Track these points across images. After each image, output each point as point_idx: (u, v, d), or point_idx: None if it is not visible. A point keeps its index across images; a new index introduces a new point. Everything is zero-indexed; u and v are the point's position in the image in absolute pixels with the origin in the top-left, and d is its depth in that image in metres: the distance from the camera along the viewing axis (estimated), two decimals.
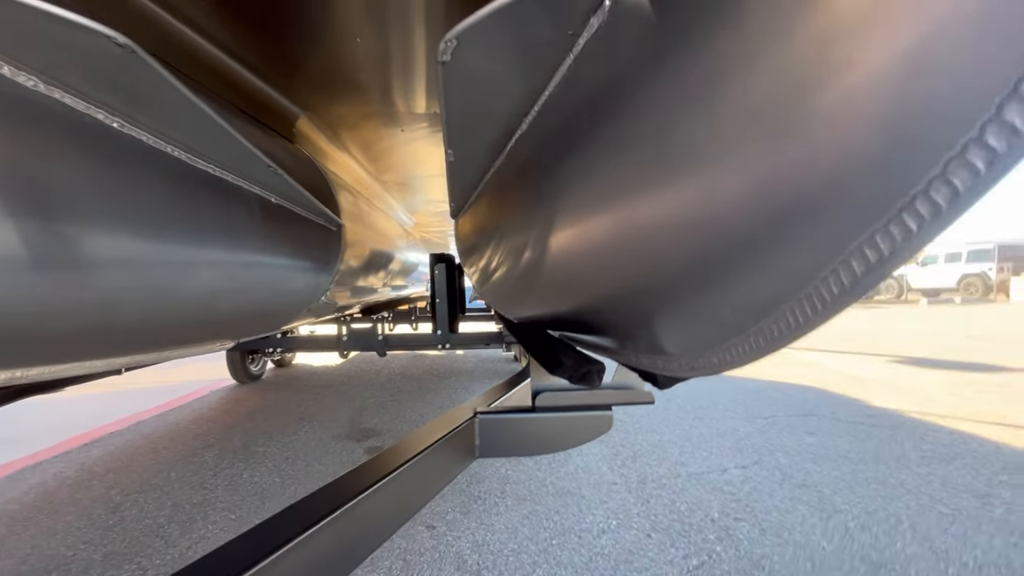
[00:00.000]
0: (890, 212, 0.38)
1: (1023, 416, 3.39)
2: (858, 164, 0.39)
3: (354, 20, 1.29)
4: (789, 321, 0.52)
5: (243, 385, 4.91)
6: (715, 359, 0.67)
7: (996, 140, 0.30)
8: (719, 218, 0.54)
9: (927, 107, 0.33)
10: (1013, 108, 0.28)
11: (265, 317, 1.73)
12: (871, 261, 0.41)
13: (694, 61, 0.54)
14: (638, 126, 0.65)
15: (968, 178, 0.33)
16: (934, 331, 8.51)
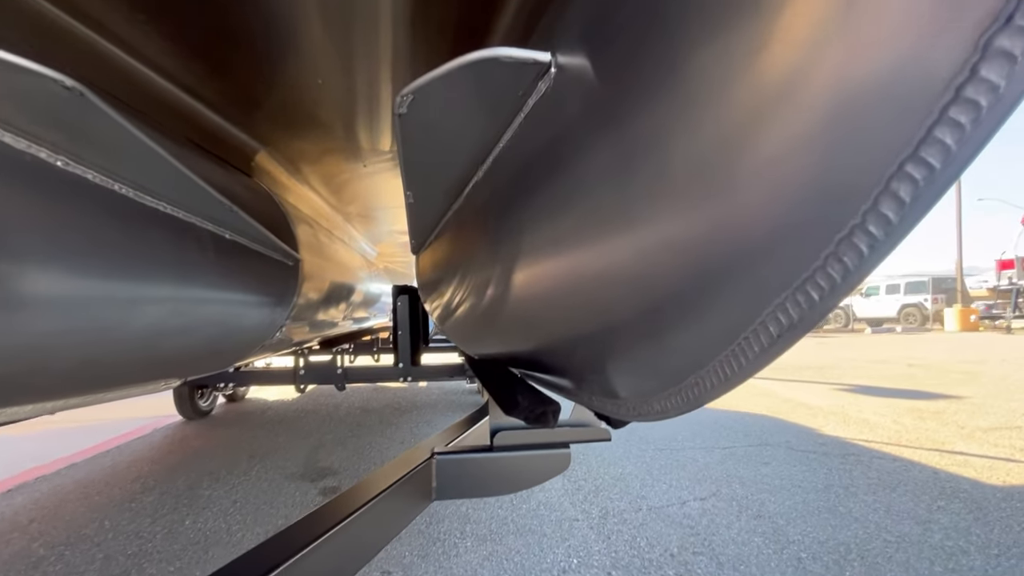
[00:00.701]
0: (806, 273, 0.42)
1: (956, 441, 3.60)
2: (771, 233, 0.43)
3: (316, 63, 1.31)
4: (720, 374, 0.55)
5: (191, 421, 4.64)
6: (657, 406, 0.69)
7: (889, 210, 0.34)
8: (650, 274, 0.57)
9: (827, 186, 0.37)
10: (900, 186, 0.32)
11: (215, 355, 1.66)
12: (792, 318, 0.44)
13: (630, 125, 0.58)
14: (580, 182, 0.68)
15: (867, 240, 0.37)
16: (879, 360, 8.97)
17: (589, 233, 0.68)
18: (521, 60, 0.68)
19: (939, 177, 0.31)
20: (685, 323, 0.56)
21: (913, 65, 0.30)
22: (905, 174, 0.32)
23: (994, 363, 7.93)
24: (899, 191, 0.32)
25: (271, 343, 1.89)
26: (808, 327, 0.42)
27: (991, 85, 0.27)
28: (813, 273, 0.39)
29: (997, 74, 0.27)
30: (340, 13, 1.19)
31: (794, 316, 0.42)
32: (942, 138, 0.30)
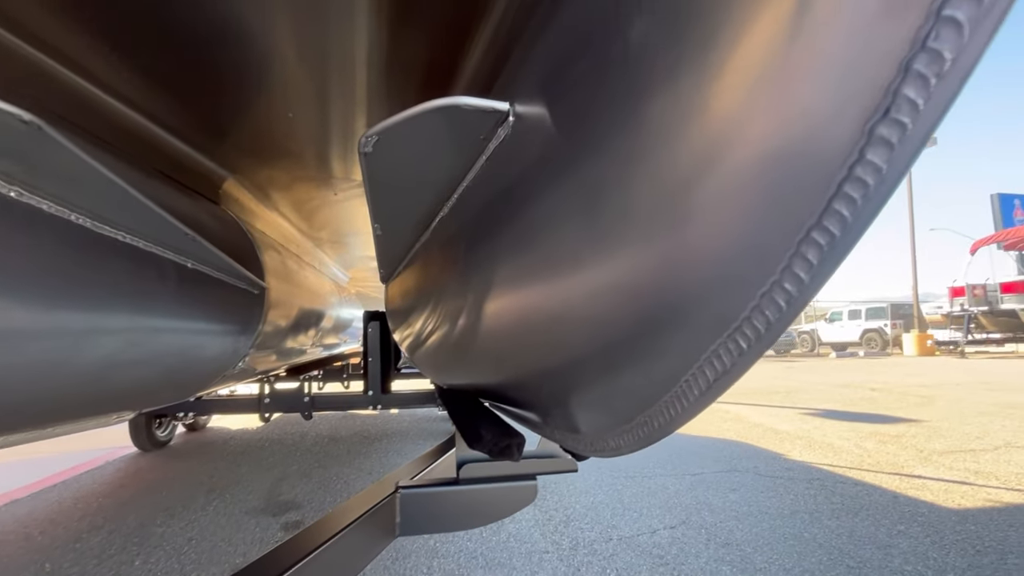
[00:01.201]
0: (735, 323, 0.45)
1: (915, 465, 3.71)
2: (703, 285, 0.46)
3: (286, 97, 1.33)
4: (666, 414, 0.57)
5: (147, 453, 4.43)
6: (612, 443, 0.71)
7: (801, 271, 0.37)
8: (599, 314, 0.59)
9: (750, 245, 0.40)
10: (808, 251, 0.35)
11: (172, 387, 1.61)
12: (725, 364, 0.47)
13: (579, 174, 0.61)
14: (536, 224, 0.71)
15: (784, 296, 0.40)
16: (843, 384, 9.24)
17: (544, 273, 0.70)
18: (481, 108, 0.71)
19: (840, 243, 0.34)
20: (633, 364, 0.58)
21: (816, 145, 0.33)
22: (812, 239, 0.35)
23: (949, 387, 8.26)
24: (808, 253, 0.35)
25: (233, 373, 1.84)
26: (740, 373, 0.44)
27: (875, 167, 0.31)
28: (741, 323, 0.42)
29: (880, 157, 0.30)
30: (311, 51, 1.22)
31: (727, 363, 0.45)
32: (840, 209, 0.33)
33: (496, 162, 0.80)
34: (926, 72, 0.27)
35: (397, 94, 1.37)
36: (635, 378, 0.60)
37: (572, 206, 0.60)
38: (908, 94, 0.28)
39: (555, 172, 0.64)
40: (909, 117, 0.28)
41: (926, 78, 0.27)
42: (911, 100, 0.28)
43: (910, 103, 0.28)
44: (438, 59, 1.18)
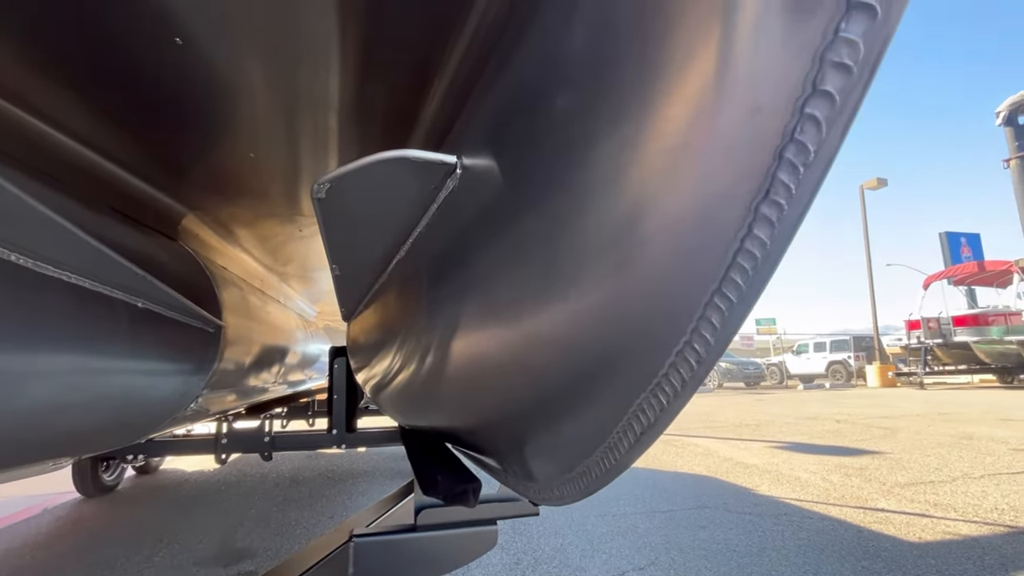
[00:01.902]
0: (658, 376, 0.46)
1: (878, 498, 3.78)
2: (626, 343, 0.48)
3: (249, 138, 1.34)
4: (603, 465, 0.58)
5: (92, 499, 4.14)
6: (556, 492, 0.71)
7: (699, 345, 0.39)
8: (540, 365, 0.60)
9: (661, 310, 0.42)
10: (704, 327, 0.37)
11: (118, 430, 1.53)
12: (650, 419, 0.48)
13: (518, 227, 0.63)
14: (482, 274, 0.72)
15: (695, 356, 0.42)
16: (810, 416, 9.42)
17: (489, 321, 0.71)
18: (429, 160, 0.74)
19: (737, 308, 0.36)
20: (571, 414, 0.59)
21: (716, 220, 0.36)
22: (714, 304, 0.37)
23: (910, 418, 8.51)
24: (712, 316, 0.37)
25: (184, 415, 1.77)
26: (663, 426, 0.46)
27: (761, 241, 0.33)
28: (661, 379, 0.43)
29: (765, 233, 0.33)
30: (276, 94, 1.24)
31: (651, 417, 0.46)
32: (735, 278, 0.35)
33: (446, 211, 0.82)
34: (795, 161, 0.30)
35: (363, 137, 1.40)
36: (574, 428, 0.61)
37: (509, 259, 0.62)
38: (782, 178, 0.31)
39: (496, 226, 0.66)
40: (784, 199, 0.31)
41: (795, 166, 0.30)
42: (785, 184, 0.31)
43: (784, 186, 0.31)
44: (401, 105, 1.21)
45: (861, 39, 0.26)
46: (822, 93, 0.28)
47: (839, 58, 0.27)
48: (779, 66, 0.29)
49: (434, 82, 1.01)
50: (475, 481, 1.14)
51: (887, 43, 0.27)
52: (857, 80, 0.27)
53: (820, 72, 0.28)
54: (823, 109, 0.28)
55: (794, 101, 0.29)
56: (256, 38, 0.97)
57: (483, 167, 0.71)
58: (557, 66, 0.51)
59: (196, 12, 0.86)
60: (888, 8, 0.26)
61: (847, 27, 0.27)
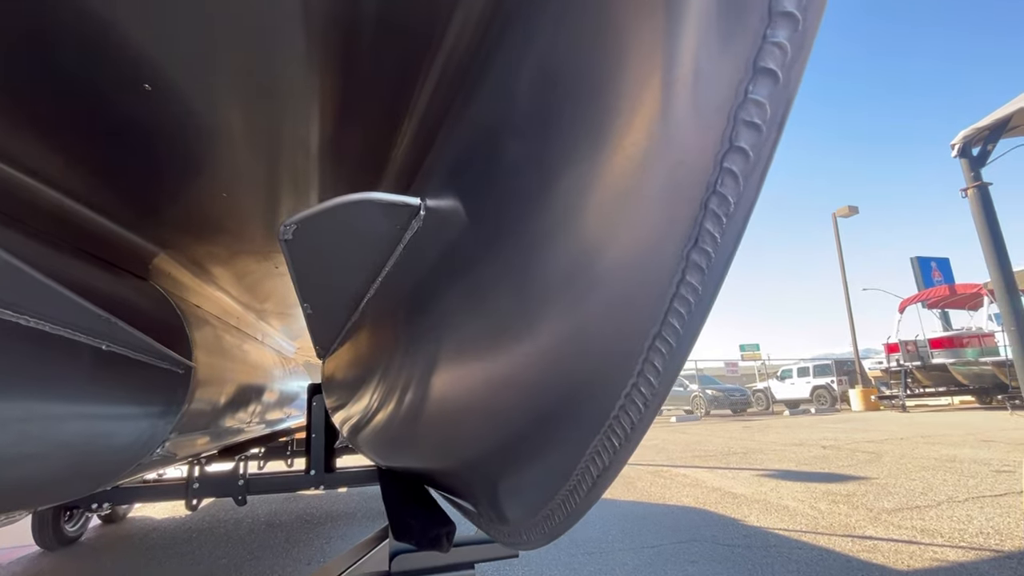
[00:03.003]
0: (609, 418, 0.46)
1: (866, 525, 3.75)
2: (584, 378, 0.48)
3: (221, 179, 1.34)
4: (565, 508, 0.57)
5: (52, 552, 3.90)
6: (524, 536, 0.69)
7: (645, 387, 0.39)
8: (499, 406, 0.60)
9: (608, 355, 0.43)
10: (648, 369, 0.38)
11: (76, 480, 1.46)
12: (605, 462, 0.48)
13: (478, 269, 0.64)
14: (446, 314, 0.72)
15: (642, 399, 0.42)
16: (796, 442, 9.41)
17: (454, 364, 0.71)
18: (393, 203, 0.74)
19: (677, 351, 0.37)
20: (534, 458, 0.59)
21: (653, 268, 0.37)
22: (656, 348, 0.37)
23: (894, 442, 8.56)
24: (655, 360, 0.38)
25: (150, 460, 1.70)
26: (618, 468, 0.46)
27: (693, 287, 0.34)
28: (612, 421, 0.43)
29: (697, 280, 0.34)
30: (252, 136, 1.25)
31: (606, 460, 0.46)
32: (673, 322, 0.36)
33: (412, 252, 0.82)
34: (719, 211, 0.31)
35: (338, 177, 1.41)
36: (538, 471, 0.60)
37: (469, 302, 0.62)
38: (708, 227, 0.32)
39: (457, 268, 0.67)
40: (711, 246, 0.32)
41: (719, 216, 0.31)
42: (711, 232, 0.32)
43: (711, 235, 0.32)
44: (373, 147, 1.23)
45: (767, 100, 0.28)
46: (737, 149, 0.29)
47: (750, 117, 0.29)
48: (700, 123, 0.30)
49: (403, 125, 1.03)
50: (449, 525, 1.11)
51: (790, 104, 0.28)
52: (766, 137, 0.29)
53: (735, 129, 0.29)
54: (739, 163, 0.30)
55: (715, 156, 0.30)
56: (223, 84, 0.98)
57: (445, 209, 0.72)
58: (509, 117, 0.53)
59: (164, 60, 0.88)
60: (788, 74, 0.28)
61: (754, 89, 0.28)
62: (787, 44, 0.28)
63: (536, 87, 0.47)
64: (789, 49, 0.28)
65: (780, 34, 0.28)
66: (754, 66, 0.28)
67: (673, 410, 20.37)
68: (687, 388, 20.11)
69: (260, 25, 0.90)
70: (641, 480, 6.05)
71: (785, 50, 0.28)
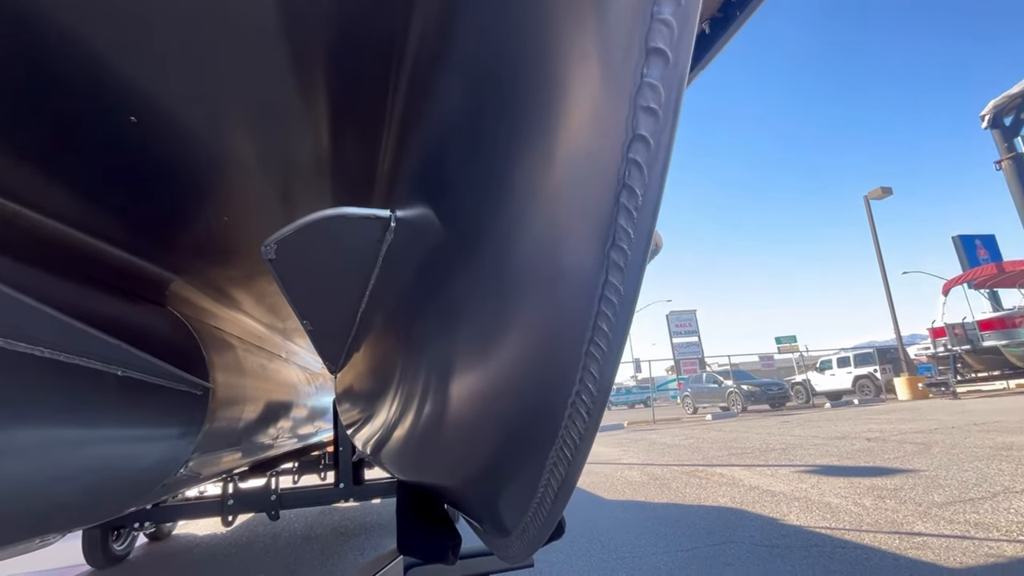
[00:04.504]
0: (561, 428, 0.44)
1: (914, 521, 3.57)
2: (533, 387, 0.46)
3: (222, 204, 1.37)
4: (537, 520, 0.55)
5: (102, 571, 4.06)
6: (512, 550, 0.68)
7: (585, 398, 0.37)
8: (473, 423, 0.59)
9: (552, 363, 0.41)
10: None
11: (103, 502, 1.52)
12: (562, 474, 0.46)
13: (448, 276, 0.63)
14: (425, 324, 0.72)
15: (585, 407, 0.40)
16: (839, 435, 9.05)
17: (437, 377, 0.70)
18: (365, 216, 0.75)
19: (609, 355, 0.35)
20: (507, 472, 0.58)
21: (579, 271, 0.35)
22: (591, 353, 0.36)
23: (944, 431, 8.14)
24: (591, 366, 0.36)
25: (174, 481, 1.75)
26: (575, 478, 0.44)
27: (615, 288, 0.32)
28: (562, 433, 0.42)
29: (618, 280, 0.32)
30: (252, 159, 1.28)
31: (563, 471, 0.44)
32: (602, 326, 0.34)
33: (390, 264, 0.82)
34: (628, 205, 0.30)
35: (334, 193, 1.43)
36: (512, 485, 0.59)
37: (442, 313, 0.61)
38: (623, 224, 0.30)
39: (429, 280, 0.66)
40: (627, 243, 0.30)
41: (629, 210, 0.30)
42: (625, 229, 0.30)
43: (625, 231, 0.30)
44: (359, 161, 1.24)
45: (660, 83, 0.26)
46: (639, 137, 0.28)
47: (646, 102, 0.27)
48: (606, 113, 0.29)
49: (384, 137, 1.04)
50: (455, 539, 1.10)
51: (683, 86, 0.27)
52: (664, 123, 0.27)
53: (635, 116, 0.27)
54: (643, 153, 0.28)
55: (621, 147, 0.29)
56: (207, 113, 1.01)
57: (414, 218, 0.72)
58: (454, 120, 0.52)
59: (147, 94, 0.91)
60: (677, 53, 0.26)
61: (648, 72, 0.27)
62: (672, 20, 0.26)
63: (470, 90, 0.47)
64: (675, 25, 0.26)
65: (666, 9, 0.26)
66: (646, 47, 0.26)
67: (708, 407, 19.87)
68: (722, 384, 19.60)
69: (238, 53, 0.92)
70: (675, 481, 5.91)
71: (672, 27, 0.26)
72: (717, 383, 19.96)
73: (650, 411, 18.43)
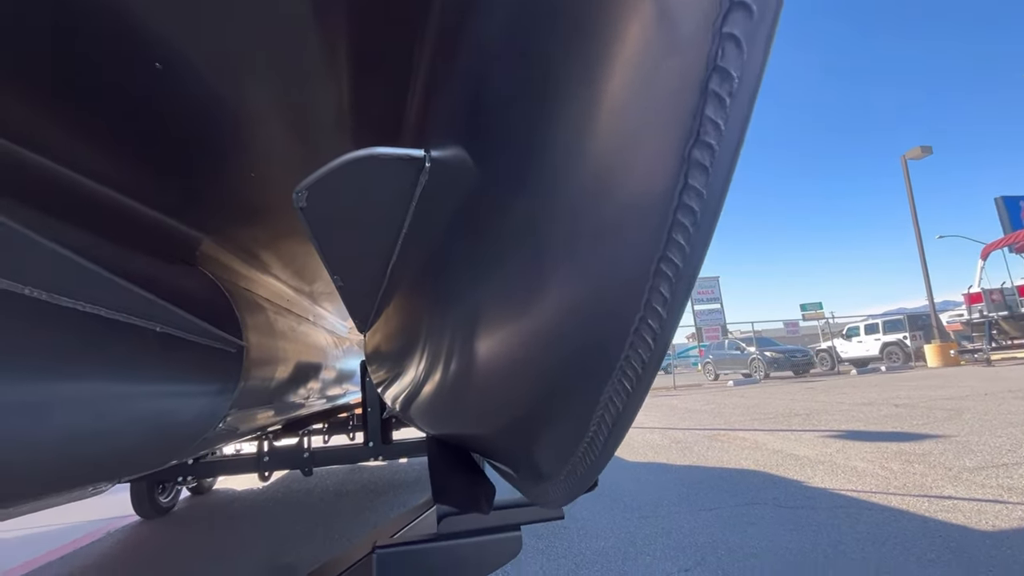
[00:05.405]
0: (620, 359, 0.42)
1: (944, 485, 3.52)
2: (592, 316, 0.44)
3: (247, 158, 1.36)
4: (586, 460, 0.54)
5: (149, 521, 4.33)
6: (552, 494, 0.67)
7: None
8: (519, 363, 0.57)
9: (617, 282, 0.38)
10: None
11: (149, 453, 1.58)
12: (618, 407, 0.44)
13: (491, 216, 0.60)
14: (463, 268, 0.70)
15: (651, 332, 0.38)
16: (865, 401, 8.93)
17: (478, 322, 0.69)
18: (398, 156, 0.71)
19: (684, 272, 0.32)
20: (554, 412, 0.56)
21: (652, 180, 0.32)
22: (661, 271, 0.33)
23: (976, 398, 7.94)
24: (661, 286, 0.33)
25: (214, 435, 1.81)
26: (632, 414, 0.42)
27: (697, 191, 0.29)
28: (623, 363, 0.39)
29: (699, 182, 0.29)
30: (275, 112, 1.26)
31: (619, 406, 0.42)
32: (678, 238, 0.31)
33: (424, 209, 0.80)
34: (720, 91, 0.26)
35: (360, 143, 1.40)
36: (558, 426, 0.57)
37: (483, 256, 0.59)
38: (709, 115, 0.27)
39: (468, 222, 0.63)
40: (715, 138, 0.27)
41: (721, 97, 0.26)
42: (713, 120, 0.27)
43: (713, 123, 0.27)
44: (389, 107, 1.21)
45: None
46: (738, 5, 0.24)
47: None
48: None
49: (413, 80, 1.00)
50: (488, 487, 1.11)
51: None
52: None
53: None
54: (742, 24, 0.24)
55: (712, 23, 0.25)
56: (230, 59, 0.98)
57: (450, 159, 0.69)
58: (499, 53, 0.49)
59: (172, 36, 0.88)
60: None
61: None
62: None
63: (519, 17, 0.43)
64: None
65: None
66: None
67: (730, 374, 19.78)
68: (744, 351, 19.42)
69: None
70: (697, 445, 5.94)
71: None
72: (739, 350, 19.78)
73: (670, 377, 18.43)
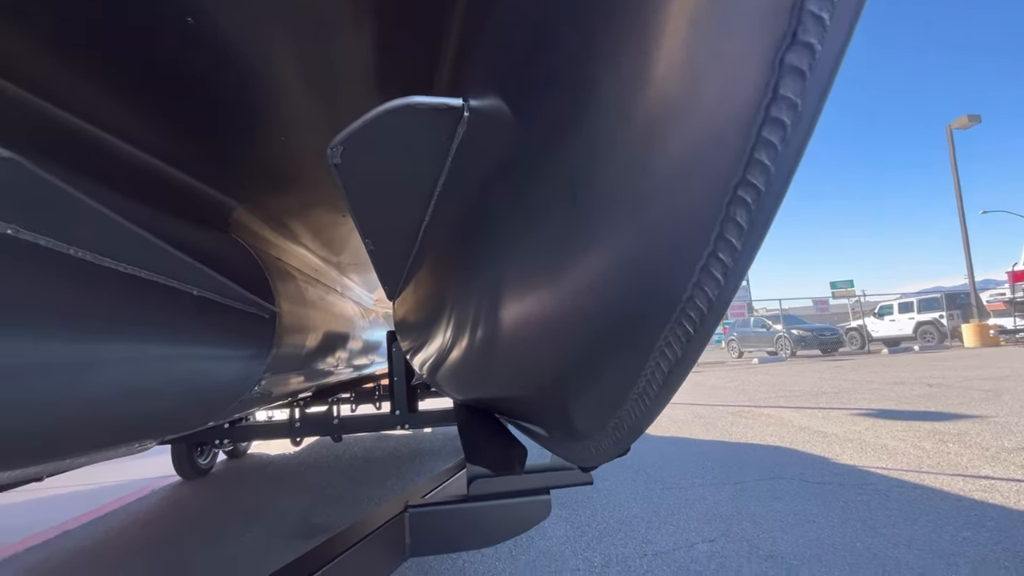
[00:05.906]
0: (682, 301, 0.40)
1: (981, 465, 3.42)
2: (649, 255, 0.41)
3: (278, 123, 1.35)
4: (634, 413, 0.52)
5: (189, 481, 4.55)
6: (594, 451, 0.66)
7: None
8: (566, 314, 0.55)
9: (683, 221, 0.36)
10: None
11: (188, 413, 1.64)
12: (676, 353, 0.42)
13: (536, 169, 0.58)
14: (505, 226, 0.68)
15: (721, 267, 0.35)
16: (897, 380, 8.70)
17: (520, 279, 0.67)
18: (435, 106, 0.69)
19: (766, 199, 0.29)
20: (602, 363, 0.54)
21: (734, 88, 0.29)
22: (739, 198, 0.30)
23: (1017, 379, 7.65)
24: (737, 215, 0.31)
25: (250, 398, 1.86)
26: (692, 361, 0.40)
27: (791, 102, 0.26)
28: (685, 304, 0.37)
29: (793, 90, 0.26)
30: (304, 76, 1.24)
31: (678, 351, 0.40)
32: (761, 158, 0.28)
33: (462, 162, 0.78)
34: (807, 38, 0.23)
35: None
36: (606, 378, 0.55)
37: (527, 209, 0.57)
38: (811, 8, 0.24)
39: (510, 176, 0.61)
40: (816, 36, 0.24)
41: (809, 45, 0.23)
42: (816, 15, 0.24)
43: (815, 17, 0.24)
44: (419, 68, 1.18)
45: None
46: None
47: None
48: None
49: (447, 37, 0.97)
50: (520, 448, 1.11)
51: None
52: None
53: None
54: None
55: None
56: (265, 18, 0.96)
57: (491, 109, 0.66)
58: None
59: None
60: None
61: None
62: None
63: None
64: None
65: None
66: None
67: (755, 352, 19.47)
68: (770, 328, 19.05)
69: None
70: (721, 420, 5.90)
71: None
72: (765, 327, 19.40)
73: None
